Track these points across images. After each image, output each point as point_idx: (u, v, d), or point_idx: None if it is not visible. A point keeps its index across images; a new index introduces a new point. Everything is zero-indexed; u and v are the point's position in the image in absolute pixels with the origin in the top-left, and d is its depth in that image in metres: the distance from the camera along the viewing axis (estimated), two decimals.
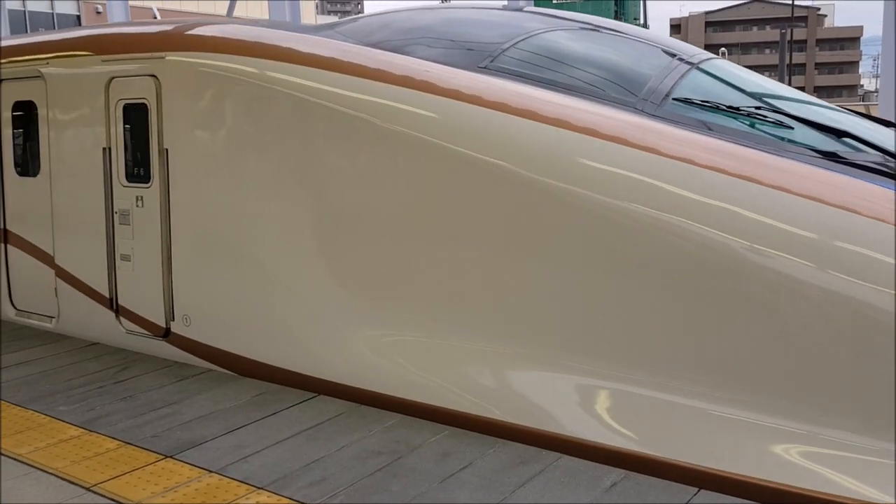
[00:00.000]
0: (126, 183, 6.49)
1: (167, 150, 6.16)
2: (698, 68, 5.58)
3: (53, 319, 7.25)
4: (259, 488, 4.16)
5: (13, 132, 7.55)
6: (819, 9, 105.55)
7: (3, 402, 5.52)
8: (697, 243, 4.29)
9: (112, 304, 6.68)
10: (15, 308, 7.69)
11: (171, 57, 6.15)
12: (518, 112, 4.89)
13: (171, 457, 4.57)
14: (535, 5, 9.05)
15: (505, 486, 4.11)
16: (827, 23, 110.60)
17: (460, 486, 4.14)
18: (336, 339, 5.55)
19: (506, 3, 11.54)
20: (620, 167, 4.55)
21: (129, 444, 4.76)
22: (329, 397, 5.44)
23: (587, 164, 4.65)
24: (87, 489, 4.19)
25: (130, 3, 14.65)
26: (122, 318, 6.64)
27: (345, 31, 6.23)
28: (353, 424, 4.97)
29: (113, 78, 6.51)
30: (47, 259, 7.18)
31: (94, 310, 6.82)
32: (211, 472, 4.37)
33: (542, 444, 4.56)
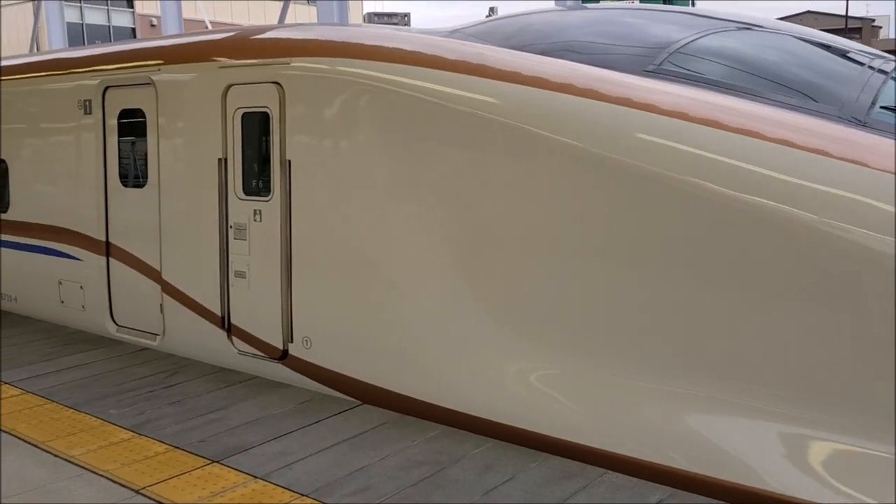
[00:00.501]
0: (243, 196, 6.10)
1: (290, 161, 5.74)
2: (894, 76, 5.05)
3: (158, 337, 6.90)
4: (303, 495, 4.19)
5: (118, 142, 7.21)
6: (874, 20, 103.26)
7: (56, 404, 5.67)
8: None
9: (224, 322, 6.30)
10: (116, 324, 7.34)
11: (297, 63, 5.72)
12: (721, 125, 4.28)
13: (217, 462, 4.63)
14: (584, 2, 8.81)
15: (549, 500, 4.07)
16: (882, 34, 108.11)
17: (503, 498, 4.11)
18: (483, 370, 5.02)
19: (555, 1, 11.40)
20: (852, 190, 3.96)
21: (177, 448, 4.85)
22: (373, 406, 5.45)
23: (805, 185, 4.03)
24: (137, 492, 4.27)
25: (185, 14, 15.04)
26: (234, 338, 6.25)
27: (477, 34, 5.85)
28: (396, 434, 4.98)
29: (231, 85, 6.11)
30: (153, 274, 6.83)
31: (203, 328, 6.44)
32: (256, 477, 4.42)
33: (741, 500, 4.05)
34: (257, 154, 6.06)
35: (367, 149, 5.44)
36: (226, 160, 6.20)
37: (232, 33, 6.79)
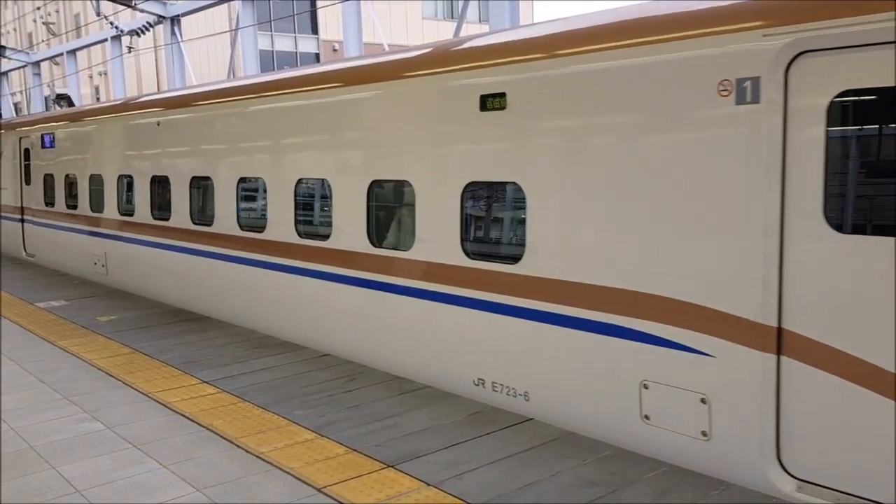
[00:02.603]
0: None
1: None
2: None
3: None
4: None
5: (824, 144, 4.02)
6: None
7: (248, 403, 6.10)
8: None
9: None
10: (791, 476, 4.24)
11: None
12: None
13: (392, 466, 4.79)
14: None
15: None
16: None
17: None
18: None
19: None
20: None
21: (354, 450, 5.06)
22: (542, 421, 5.42)
23: None
24: (318, 490, 4.50)
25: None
26: None
27: None
28: (567, 451, 4.93)
29: None
30: None
31: None
32: (429, 485, 4.52)
33: None
34: None
35: None
36: None
37: None
